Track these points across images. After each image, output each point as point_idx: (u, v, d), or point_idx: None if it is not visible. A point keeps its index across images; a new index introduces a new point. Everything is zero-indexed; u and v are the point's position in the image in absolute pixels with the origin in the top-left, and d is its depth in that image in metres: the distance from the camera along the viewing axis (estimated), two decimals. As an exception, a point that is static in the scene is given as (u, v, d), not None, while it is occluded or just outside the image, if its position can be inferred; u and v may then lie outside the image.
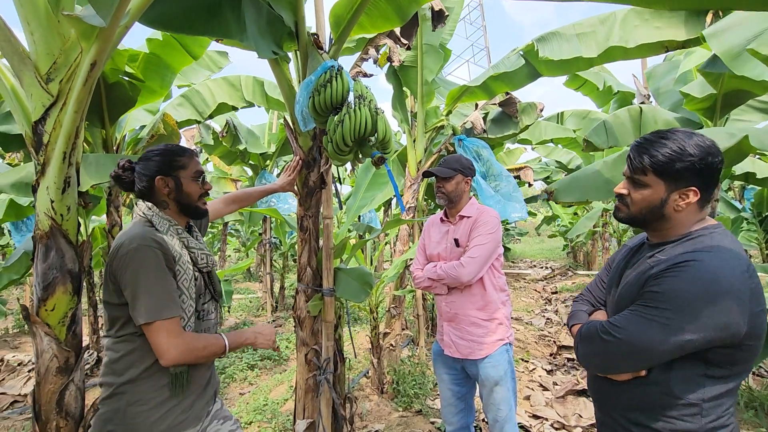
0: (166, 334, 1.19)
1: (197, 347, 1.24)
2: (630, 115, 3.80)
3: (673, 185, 1.04)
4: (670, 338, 0.95)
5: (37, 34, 1.24)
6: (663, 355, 0.98)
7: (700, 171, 1.02)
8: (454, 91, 4.09)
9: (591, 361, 1.11)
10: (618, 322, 1.03)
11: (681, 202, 1.04)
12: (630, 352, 1.01)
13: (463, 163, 2.11)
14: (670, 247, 1.07)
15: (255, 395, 3.83)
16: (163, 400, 1.29)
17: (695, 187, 1.03)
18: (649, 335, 0.97)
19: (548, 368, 4.19)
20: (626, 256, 1.23)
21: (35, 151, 1.24)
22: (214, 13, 1.65)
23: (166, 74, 3.59)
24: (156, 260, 1.22)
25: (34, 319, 1.21)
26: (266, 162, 6.86)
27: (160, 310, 1.18)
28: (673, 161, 1.02)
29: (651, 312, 0.98)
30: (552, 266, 11.82)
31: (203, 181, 1.42)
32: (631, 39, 2.93)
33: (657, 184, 1.05)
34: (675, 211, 1.06)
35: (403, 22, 2.27)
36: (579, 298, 1.34)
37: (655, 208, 1.07)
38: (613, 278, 1.22)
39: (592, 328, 1.09)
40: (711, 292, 0.93)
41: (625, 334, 1.00)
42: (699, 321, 0.93)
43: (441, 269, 1.97)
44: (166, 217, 1.34)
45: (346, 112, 1.73)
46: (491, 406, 1.96)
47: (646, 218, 1.10)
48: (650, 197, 1.07)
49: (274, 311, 7.24)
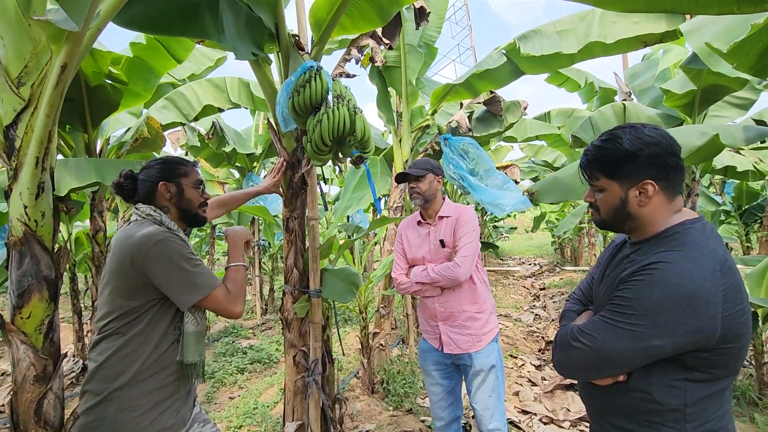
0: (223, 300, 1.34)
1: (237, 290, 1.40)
2: (614, 112, 3.88)
3: (626, 183, 1.02)
4: (637, 345, 0.93)
5: (7, 38, 1.22)
6: (633, 361, 0.96)
7: (648, 162, 0.99)
8: (438, 90, 4.11)
9: (564, 368, 1.08)
10: (587, 329, 1.01)
11: (642, 197, 1.01)
12: (599, 360, 0.98)
13: (433, 163, 2.16)
14: (646, 246, 1.04)
15: (245, 399, 3.80)
16: (154, 404, 1.29)
17: (650, 180, 1.00)
18: (615, 342, 0.95)
19: (537, 364, 4.23)
20: (611, 254, 1.20)
21: (7, 156, 1.21)
22: (190, 14, 1.63)
23: (149, 77, 3.55)
24: (184, 246, 1.32)
25: (9, 327, 1.19)
26: (253, 164, 6.81)
27: (207, 286, 1.31)
28: (615, 159, 1.01)
29: (617, 319, 0.96)
30: (540, 263, 11.94)
31: (203, 191, 1.49)
32: (609, 35, 2.98)
33: (610, 185, 1.04)
34: (640, 207, 1.02)
35: (384, 23, 2.28)
36: (571, 297, 1.32)
37: (618, 209, 1.05)
38: (599, 276, 1.21)
39: (564, 334, 1.07)
40: (678, 295, 0.89)
41: (593, 342, 0.98)
42: (666, 327, 0.90)
43: (434, 272, 1.98)
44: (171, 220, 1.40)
45: (325, 111, 1.73)
46: (482, 394, 2.00)
47: (616, 221, 1.08)
48: (610, 199, 1.05)
49: (263, 314, 7.20)
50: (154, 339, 1.30)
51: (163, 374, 1.32)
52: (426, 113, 4.50)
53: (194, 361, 1.34)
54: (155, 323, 1.31)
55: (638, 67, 5.06)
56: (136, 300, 1.28)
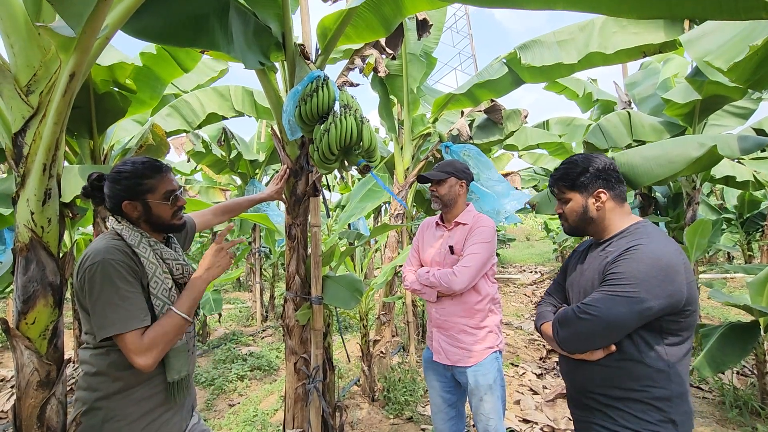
0: (131, 347, 1.17)
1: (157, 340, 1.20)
2: (620, 119, 4.00)
3: (585, 192, 1.35)
4: (634, 308, 1.14)
5: (17, 46, 1.24)
6: (629, 324, 1.16)
7: (596, 176, 1.33)
8: (440, 99, 4.14)
9: (571, 341, 1.25)
10: (590, 302, 1.21)
11: (598, 203, 1.33)
12: (605, 326, 1.17)
13: (457, 166, 2.11)
14: (614, 240, 1.30)
15: (245, 406, 3.78)
16: (142, 414, 1.27)
17: (601, 189, 1.33)
18: (618, 308, 1.15)
19: (538, 372, 4.21)
20: (579, 258, 1.44)
21: (15, 163, 1.23)
22: (200, 24, 1.65)
23: (156, 85, 3.58)
24: (117, 273, 1.20)
25: (14, 332, 1.19)
26: (255, 170, 6.84)
27: (122, 324, 1.17)
28: (576, 175, 1.35)
29: (616, 289, 1.17)
30: (541, 270, 11.91)
31: (175, 199, 1.37)
32: (609, 45, 3.01)
33: (574, 195, 1.37)
34: (597, 211, 1.34)
35: (388, 33, 2.31)
36: (542, 302, 1.50)
37: (581, 214, 1.36)
38: (574, 276, 1.42)
39: (568, 312, 1.26)
40: (658, 266, 1.14)
41: (598, 311, 1.18)
42: (654, 290, 1.13)
43: (434, 276, 1.96)
44: (138, 230, 1.32)
45: (332, 121, 1.74)
46: (481, 415, 1.95)
47: (581, 225, 1.38)
48: (574, 208, 1.37)
49: (264, 320, 7.17)
50: None
51: (151, 384, 1.29)
52: (427, 121, 4.53)
53: (175, 379, 1.30)
54: None
55: (637, 75, 5.11)
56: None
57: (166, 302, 1.27)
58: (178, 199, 1.38)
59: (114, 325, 1.16)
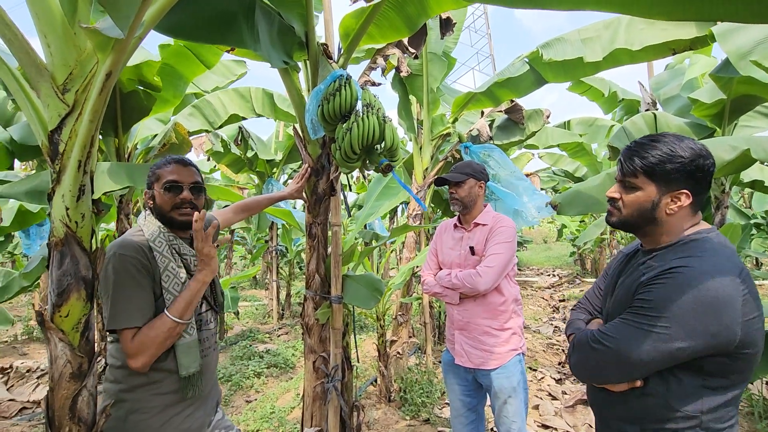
0: (124, 344, 1.22)
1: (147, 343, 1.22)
2: (646, 121, 3.85)
3: (664, 188, 1.04)
4: (659, 347, 0.94)
5: (54, 46, 1.27)
6: (654, 364, 0.96)
7: (691, 173, 1.02)
8: (459, 98, 4.11)
9: (582, 370, 1.09)
10: (608, 331, 1.02)
11: (673, 205, 1.04)
12: (620, 361, 0.99)
13: (475, 167, 2.10)
14: (662, 253, 1.06)
15: (262, 403, 3.82)
16: (165, 407, 1.30)
17: (687, 190, 1.03)
18: (638, 344, 0.95)
19: (557, 377, 4.15)
20: (621, 263, 1.22)
21: (51, 160, 1.26)
22: (229, 23, 1.67)
23: (179, 84, 3.65)
24: (125, 268, 1.24)
25: (48, 325, 1.22)
26: (273, 170, 6.91)
27: (121, 320, 1.21)
28: (664, 163, 1.02)
29: (640, 320, 0.97)
30: (559, 274, 11.72)
31: (178, 191, 1.37)
32: (636, 41, 2.92)
33: (648, 186, 1.05)
34: (667, 214, 1.05)
35: (411, 33, 2.30)
36: (577, 307, 1.33)
37: (646, 211, 1.06)
38: (608, 286, 1.22)
39: (583, 337, 1.08)
40: (701, 299, 0.91)
41: (614, 343, 0.99)
42: (689, 329, 0.91)
43: (456, 278, 1.95)
44: (157, 224, 1.37)
45: (355, 120, 1.74)
46: (504, 418, 1.93)
47: (638, 222, 1.10)
48: (641, 200, 1.07)
49: (280, 318, 7.24)
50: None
51: (172, 378, 1.32)
52: (447, 121, 4.50)
53: (187, 374, 1.30)
54: None
55: (663, 75, 4.98)
56: None
57: (174, 296, 1.30)
58: (179, 191, 1.37)
59: (114, 318, 1.22)
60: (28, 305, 8.40)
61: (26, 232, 5.29)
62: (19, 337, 6.61)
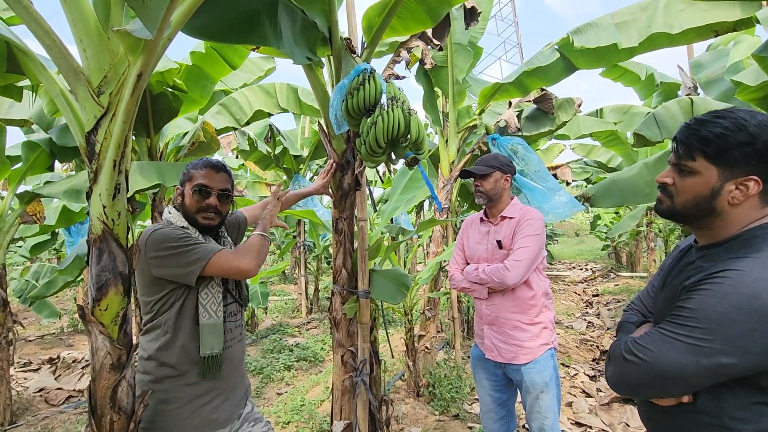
0: (228, 259, 1.35)
1: (248, 247, 1.40)
2: (681, 107, 3.58)
3: (728, 173, 0.87)
4: (701, 362, 0.82)
5: (89, 50, 1.31)
6: (696, 381, 0.85)
7: (763, 155, 0.84)
8: (486, 89, 4.02)
9: (617, 384, 0.97)
10: (643, 342, 0.90)
11: (738, 194, 0.87)
12: (656, 377, 0.87)
13: (501, 160, 2.06)
14: (716, 251, 0.91)
15: (292, 395, 3.89)
16: (192, 398, 1.35)
17: (757, 176, 0.85)
18: (676, 358, 0.84)
19: (591, 374, 4.03)
20: (675, 260, 1.08)
21: (88, 160, 1.31)
22: (252, 21, 1.69)
23: (206, 84, 3.74)
24: (178, 231, 1.37)
25: (89, 318, 1.28)
26: (299, 166, 7.00)
27: (209, 251, 1.34)
28: (729, 143, 0.85)
29: (678, 331, 0.85)
30: (592, 268, 11.37)
31: (205, 195, 1.46)
32: (675, 24, 2.76)
33: (708, 170, 0.88)
34: (729, 204, 0.88)
35: (434, 23, 2.26)
36: (629, 308, 1.21)
37: (703, 200, 0.90)
38: (659, 285, 1.09)
39: (617, 348, 0.97)
40: (751, 308, 0.78)
41: (649, 356, 0.87)
42: (736, 343, 0.79)
43: (484, 272, 1.92)
44: (182, 219, 1.46)
45: (379, 113, 1.73)
46: (536, 414, 1.90)
47: (692, 213, 0.93)
48: (699, 187, 0.90)
49: (308, 313, 7.36)
50: (183, 335, 1.36)
51: (198, 369, 1.36)
52: (473, 113, 4.42)
53: (208, 353, 1.35)
54: (181, 319, 1.37)
55: (704, 57, 4.68)
56: (152, 294, 1.38)
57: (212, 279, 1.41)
58: (207, 196, 1.46)
59: (201, 256, 1.32)
60: (72, 299, 8.88)
61: (68, 230, 5.58)
62: (65, 329, 7.00)
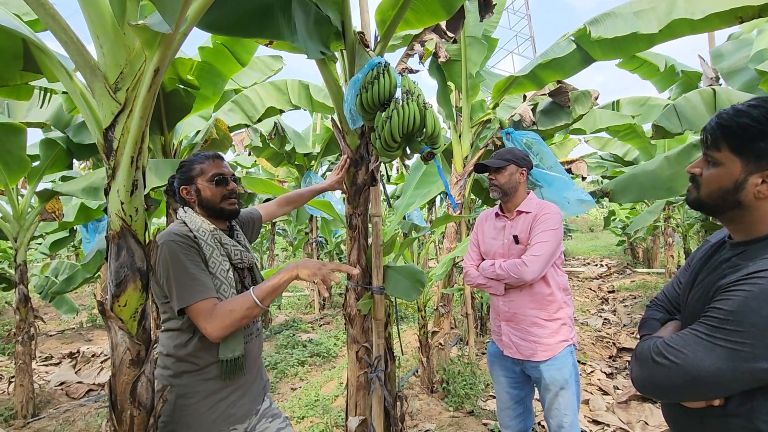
0: (201, 316, 1.27)
1: (225, 313, 1.27)
2: (702, 98, 3.45)
3: (753, 164, 0.84)
4: (739, 367, 0.78)
5: (106, 47, 1.31)
6: (731, 385, 0.81)
7: None
8: (500, 83, 3.96)
9: (644, 386, 0.93)
10: (675, 343, 0.87)
11: (764, 188, 0.84)
12: (689, 380, 0.83)
13: (516, 153, 2.03)
14: (754, 248, 0.86)
15: (306, 391, 3.92)
16: (210, 393, 1.36)
17: None
18: (712, 362, 0.80)
19: (608, 371, 3.96)
20: (705, 255, 1.04)
21: (106, 156, 1.31)
22: (266, 16, 1.68)
23: (217, 81, 3.75)
24: (182, 251, 1.32)
25: (109, 314, 1.29)
26: (311, 162, 7.01)
27: (191, 295, 1.27)
28: (753, 134, 0.83)
29: (714, 333, 0.81)
30: (607, 263, 11.19)
31: (221, 181, 1.46)
32: (698, 10, 2.65)
33: (732, 162, 0.86)
34: (756, 198, 0.85)
35: (449, 16, 2.22)
36: (652, 304, 1.16)
37: (727, 192, 0.87)
38: (688, 281, 1.04)
39: (645, 348, 0.93)
40: None
41: (682, 359, 0.84)
42: None
43: (501, 268, 1.89)
44: (199, 217, 1.45)
45: (394, 107, 1.70)
46: (556, 411, 1.87)
47: (718, 205, 0.91)
48: (722, 179, 0.87)
49: (321, 309, 7.39)
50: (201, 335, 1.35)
51: (218, 364, 1.36)
52: (487, 107, 4.36)
53: (228, 357, 1.34)
54: None
55: (726, 46, 4.54)
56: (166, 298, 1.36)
57: (224, 282, 1.37)
58: (227, 183, 1.47)
59: (182, 297, 1.27)
60: (90, 295, 9.07)
61: (86, 227, 5.68)
62: (84, 324, 7.15)
